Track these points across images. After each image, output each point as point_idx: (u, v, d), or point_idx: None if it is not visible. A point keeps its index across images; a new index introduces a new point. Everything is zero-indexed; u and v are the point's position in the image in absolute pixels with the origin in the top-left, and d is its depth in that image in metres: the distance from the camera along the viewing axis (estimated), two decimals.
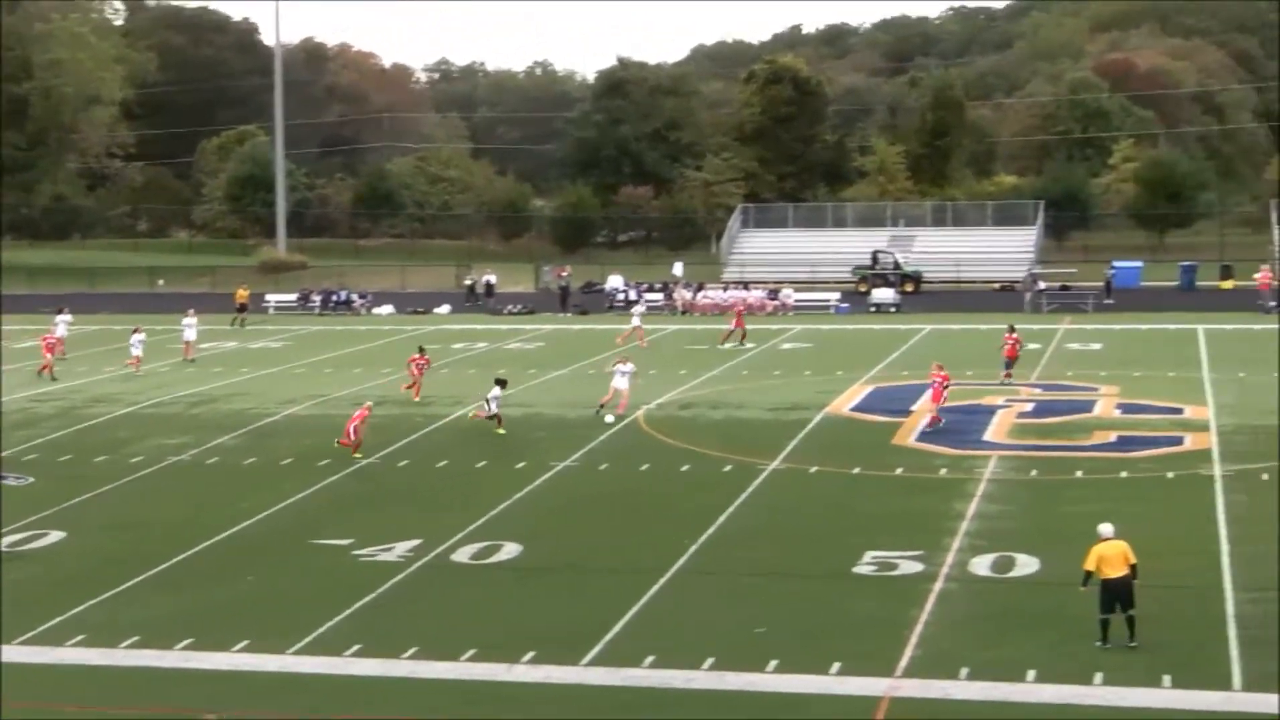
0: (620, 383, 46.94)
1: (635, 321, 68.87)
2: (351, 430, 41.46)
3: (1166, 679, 23.36)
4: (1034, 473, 38.63)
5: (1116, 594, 24.76)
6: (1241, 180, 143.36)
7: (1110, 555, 24.92)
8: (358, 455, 41.19)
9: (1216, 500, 35.13)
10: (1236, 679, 23.46)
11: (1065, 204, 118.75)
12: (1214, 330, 68.38)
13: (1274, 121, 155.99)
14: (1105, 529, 25.46)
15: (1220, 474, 37.83)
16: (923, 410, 46.35)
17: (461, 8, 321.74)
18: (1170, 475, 37.93)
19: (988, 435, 43.74)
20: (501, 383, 45.98)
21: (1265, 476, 37.33)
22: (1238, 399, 48.91)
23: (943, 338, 68.38)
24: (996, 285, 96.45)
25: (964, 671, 23.88)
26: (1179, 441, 42.16)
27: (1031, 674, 23.68)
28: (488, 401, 44.95)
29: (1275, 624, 25.83)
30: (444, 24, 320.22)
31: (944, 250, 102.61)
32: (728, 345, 65.29)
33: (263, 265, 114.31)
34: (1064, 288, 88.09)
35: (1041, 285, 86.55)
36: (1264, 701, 22.49)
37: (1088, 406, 48.26)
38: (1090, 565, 25.06)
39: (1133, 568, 24.79)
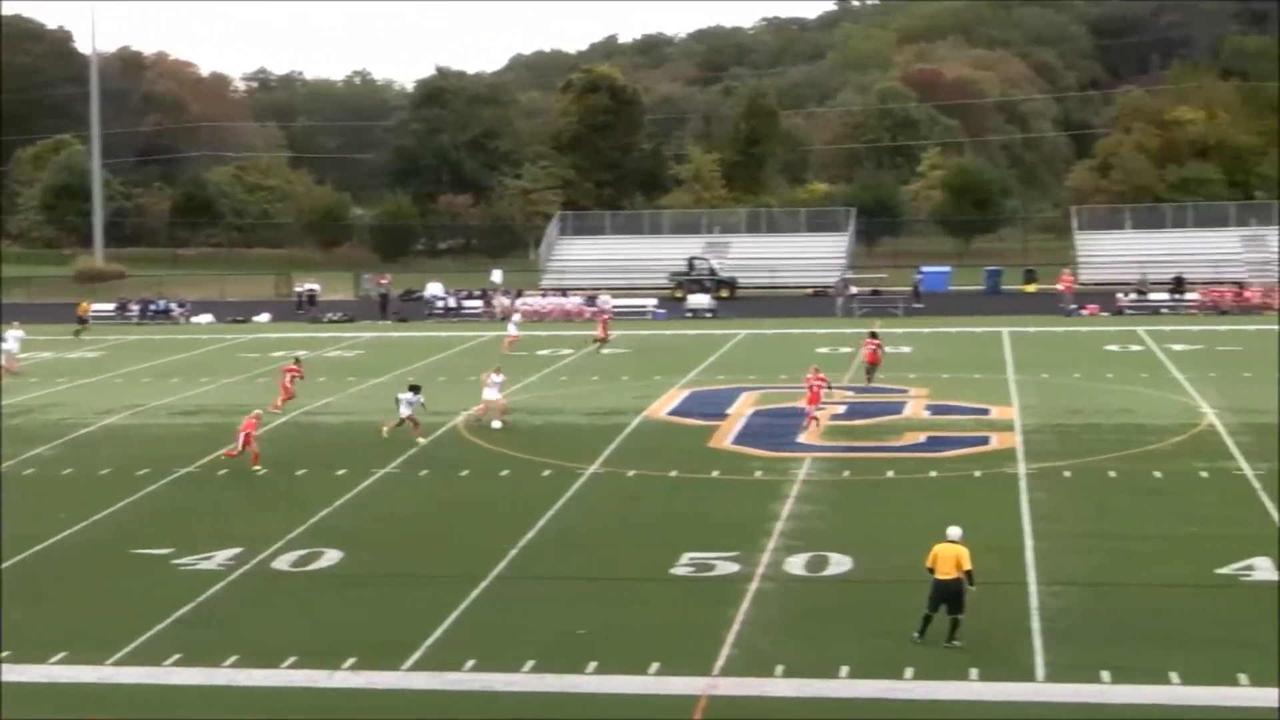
0: (490, 394, 46.78)
1: (512, 330, 69.04)
2: (241, 440, 40.75)
3: (974, 672, 24.11)
4: (846, 473, 39.44)
5: (944, 595, 25.37)
6: (1044, 187, 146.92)
7: (944, 556, 25.53)
8: (257, 466, 40.61)
9: (1021, 498, 36.19)
10: (1040, 670, 24.30)
11: (875, 211, 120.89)
12: (1018, 333, 70.10)
13: (1074, 130, 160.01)
14: (953, 531, 26.17)
15: (1024, 472, 38.95)
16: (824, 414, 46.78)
17: (281, 15, 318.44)
18: (977, 474, 38.96)
19: (801, 438, 44.50)
20: (415, 388, 45.14)
21: (1067, 474, 38.52)
22: (1040, 399, 50.29)
23: (757, 342, 69.30)
24: (810, 291, 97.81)
25: (780, 669, 24.44)
26: (985, 441, 43.29)
27: (845, 670, 24.30)
28: (399, 403, 44.29)
29: (1076, 617, 26.80)
30: (262, 33, 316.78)
31: (758, 257, 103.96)
32: (595, 349, 65.51)
33: (79, 275, 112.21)
34: (875, 292, 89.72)
35: (853, 290, 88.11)
36: (1065, 691, 23.33)
37: (898, 408, 49.32)
38: (929, 563, 25.74)
39: (967, 574, 25.37)
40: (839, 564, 30.52)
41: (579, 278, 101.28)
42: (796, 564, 30.59)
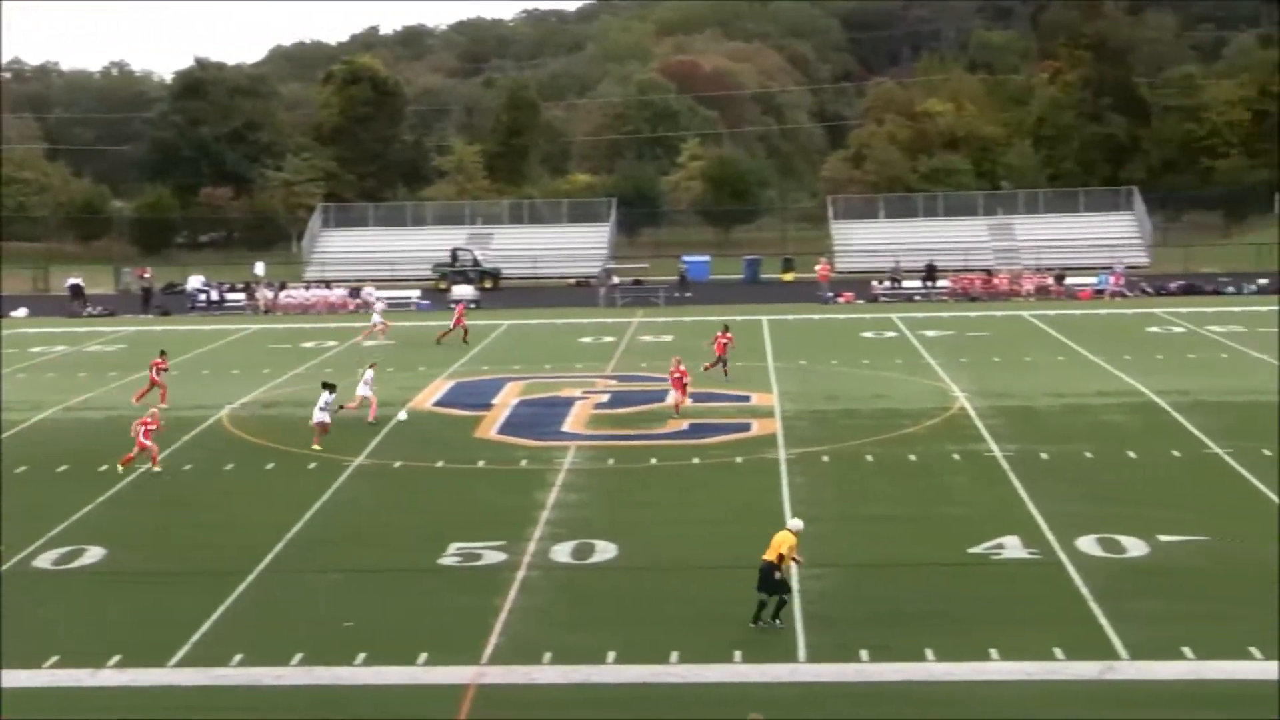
0: (364, 389, 45.84)
1: (376, 319, 68.28)
2: (140, 439, 38.99)
3: (738, 654, 24.67)
4: (611, 462, 39.88)
5: (759, 576, 25.95)
6: (800, 178, 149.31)
7: (773, 542, 26.17)
8: (156, 468, 39.17)
9: (782, 483, 36.99)
10: (801, 651, 24.97)
11: (637, 201, 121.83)
12: (777, 321, 71.33)
13: (828, 122, 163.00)
14: (794, 522, 27.03)
15: (785, 458, 39.79)
16: (676, 402, 46.79)
17: (33, 6, 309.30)
18: (739, 460, 39.70)
19: (566, 426, 44.89)
20: (329, 386, 43.29)
21: (826, 459, 39.45)
22: (800, 386, 51.33)
23: (521, 333, 69.54)
24: (573, 281, 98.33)
25: (547, 656, 24.75)
26: (747, 428, 44.10)
27: (611, 655, 24.70)
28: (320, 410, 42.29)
29: (836, 599, 27.55)
30: (15, 23, 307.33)
31: (521, 247, 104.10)
32: (449, 341, 64.69)
33: None
34: (637, 282, 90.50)
35: (615, 280, 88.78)
36: (826, 671, 24.02)
37: (661, 396, 49.85)
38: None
39: (780, 557, 25.92)
40: (604, 551, 30.94)
41: (342, 270, 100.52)
42: (562, 552, 30.94)
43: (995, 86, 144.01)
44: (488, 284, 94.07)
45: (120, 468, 38.96)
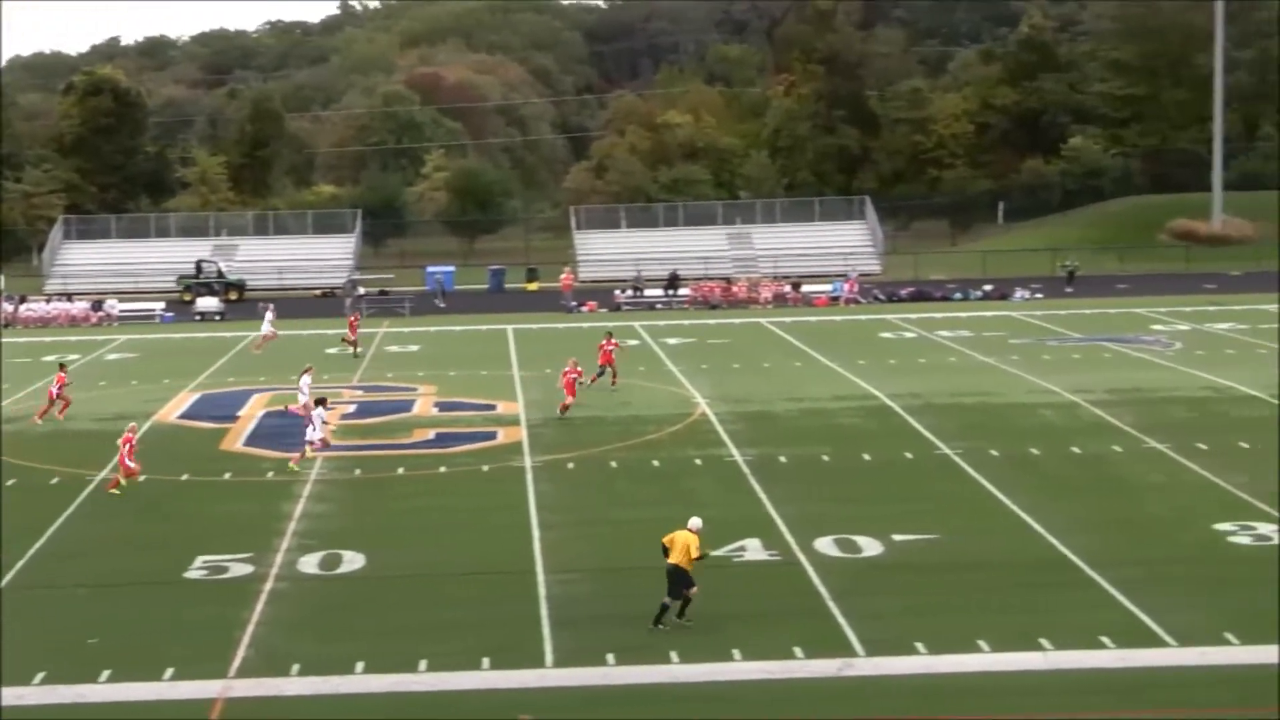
0: (303, 395, 45.70)
1: (267, 328, 66.99)
2: (126, 459, 37.80)
3: (486, 661, 25.02)
4: (358, 471, 39.96)
5: (669, 578, 26.26)
6: (544, 188, 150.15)
7: (676, 543, 26.43)
8: (126, 482, 37.80)
9: (528, 490, 37.45)
10: (549, 656, 25.43)
11: (382, 212, 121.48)
12: (522, 330, 71.85)
13: (571, 133, 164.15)
14: (693, 522, 27.08)
15: (530, 465, 40.28)
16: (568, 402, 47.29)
17: None
18: (486, 468, 40.08)
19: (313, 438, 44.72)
20: (322, 402, 42.51)
21: (571, 465, 40.02)
22: (544, 394, 51.70)
23: (267, 344, 68.80)
24: (318, 292, 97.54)
25: (295, 668, 24.82)
26: (493, 436, 44.50)
27: (360, 665, 24.86)
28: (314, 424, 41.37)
29: (583, 602, 28.09)
30: None
31: (267, 258, 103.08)
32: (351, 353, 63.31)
33: None
34: (383, 293, 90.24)
35: (361, 291, 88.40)
36: (574, 675, 24.51)
37: (407, 406, 50.10)
38: (664, 539, 26.68)
39: (697, 560, 26.31)
40: (352, 561, 31.04)
41: (85, 282, 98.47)
42: (310, 563, 30.98)
43: (733, 98, 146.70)
44: (233, 295, 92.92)
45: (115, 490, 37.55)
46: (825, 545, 31.44)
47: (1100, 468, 39.12)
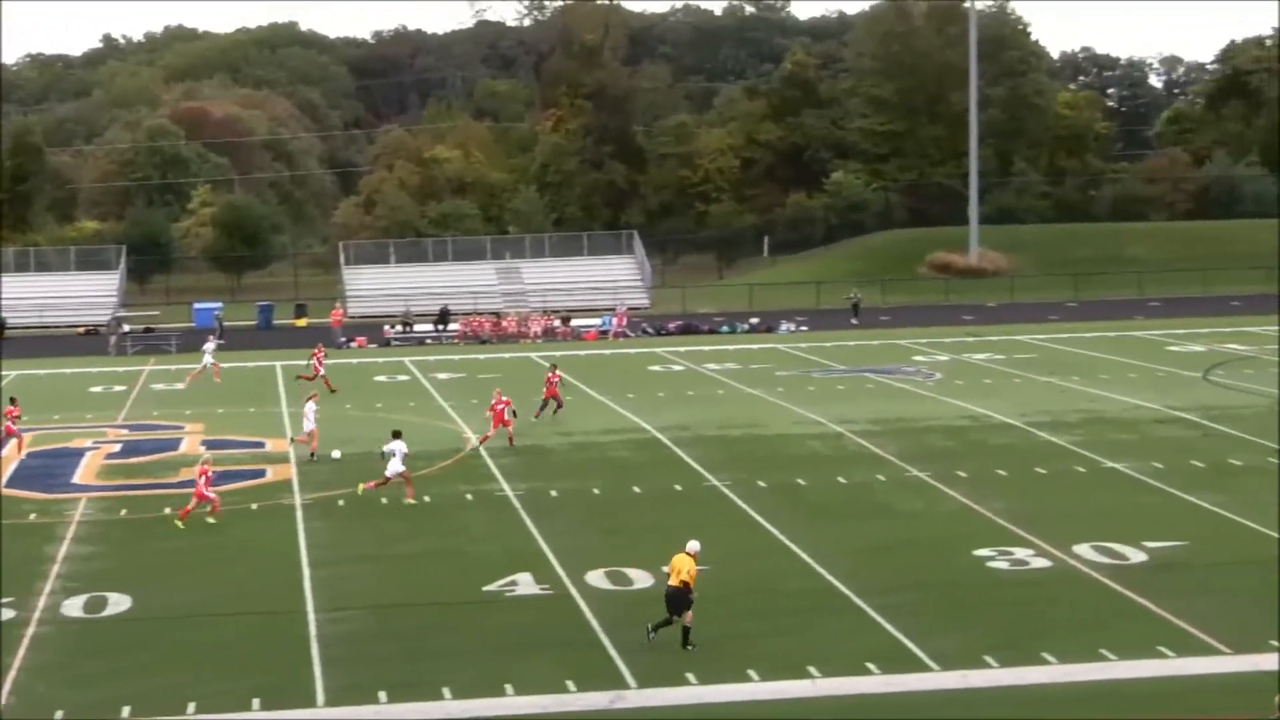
0: (309, 423, 45.75)
1: (207, 359, 65.68)
2: (204, 491, 37.56)
3: (256, 702, 24.78)
4: (124, 512, 39.27)
5: (669, 600, 27.01)
6: (312, 224, 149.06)
7: (675, 565, 27.16)
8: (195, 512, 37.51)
9: (298, 528, 37.18)
10: (320, 695, 25.26)
11: (147, 248, 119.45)
12: (292, 366, 71.01)
13: (339, 168, 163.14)
14: (691, 545, 27.64)
15: (300, 503, 39.97)
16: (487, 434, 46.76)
17: None
18: (255, 507, 39.64)
19: (77, 478, 43.91)
20: (398, 434, 41.12)
21: (341, 503, 39.80)
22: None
23: (29, 383, 67.17)
24: (81, 329, 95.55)
25: (59, 714, 24.34)
26: (262, 474, 44.06)
27: (127, 710, 24.42)
28: (387, 456, 40.36)
29: (354, 641, 27.99)
30: None
31: (27, 295, 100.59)
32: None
33: None
34: (148, 330, 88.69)
35: (126, 328, 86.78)
36: (344, 714, 24.42)
37: (174, 445, 49.36)
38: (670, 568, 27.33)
39: (683, 583, 26.85)
40: (118, 603, 30.52)
41: None
42: (74, 606, 30.39)
43: (501, 134, 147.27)
44: None
45: (179, 523, 37.28)
46: (596, 578, 31.73)
47: (865, 496, 40.03)
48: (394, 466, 39.74)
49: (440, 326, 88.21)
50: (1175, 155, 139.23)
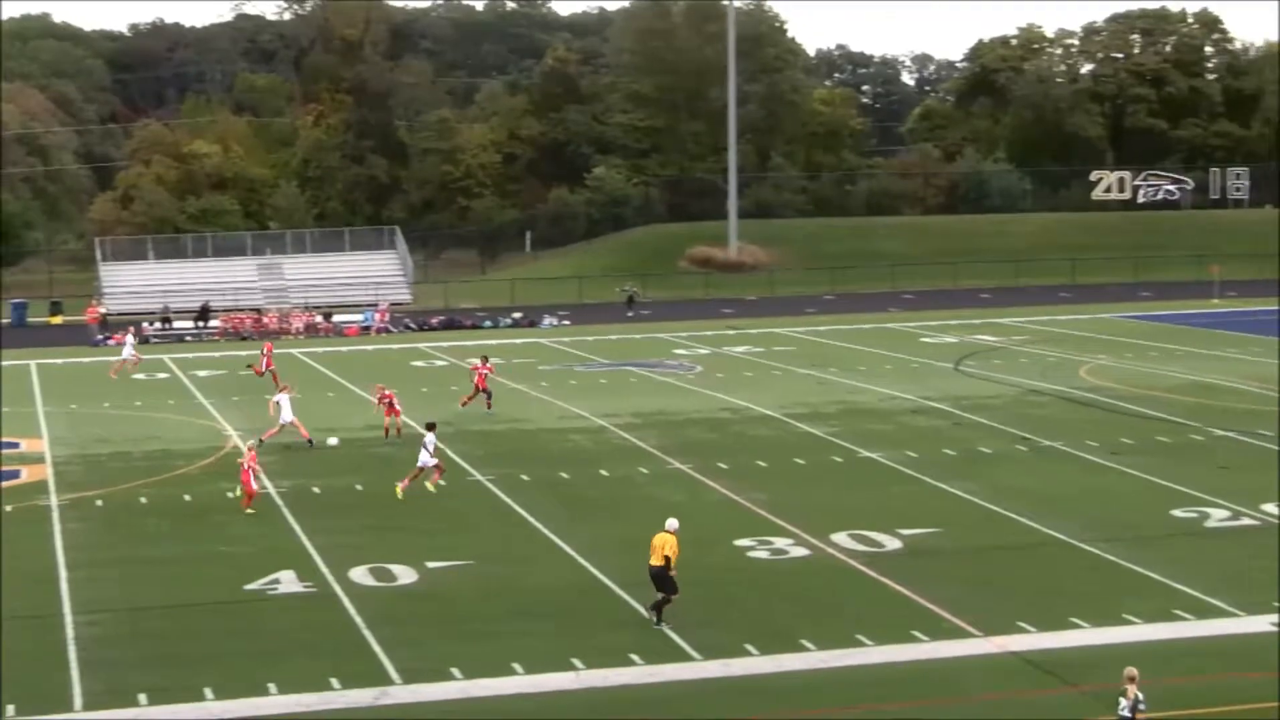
0: (286, 414, 46.04)
1: (127, 353, 63.96)
2: (251, 480, 37.98)
3: (11, 709, 24.33)
4: None
5: (654, 580, 27.90)
6: (68, 219, 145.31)
7: (655, 545, 28.00)
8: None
9: (54, 529, 36.45)
10: (78, 699, 24.91)
11: None
12: (47, 365, 69.49)
13: (95, 163, 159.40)
14: (670, 523, 28.37)
15: (56, 504, 39.18)
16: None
17: None
18: (9, 509, 38.70)
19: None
20: (432, 426, 40.86)
21: (99, 503, 39.12)
22: (71, 430, 50.45)
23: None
24: None
25: None
26: (17, 475, 43.05)
27: None
28: (426, 449, 39.54)
29: (113, 643, 27.59)
30: None
31: None
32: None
33: None
34: None
35: None
36: (103, 718, 24.11)
37: None
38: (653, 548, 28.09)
39: (666, 560, 27.66)
40: None
41: None
42: None
43: (261, 128, 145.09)
44: None
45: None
46: (360, 575, 31.69)
47: (627, 489, 40.51)
48: (424, 458, 39.52)
49: (200, 323, 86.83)
50: (927, 151, 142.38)
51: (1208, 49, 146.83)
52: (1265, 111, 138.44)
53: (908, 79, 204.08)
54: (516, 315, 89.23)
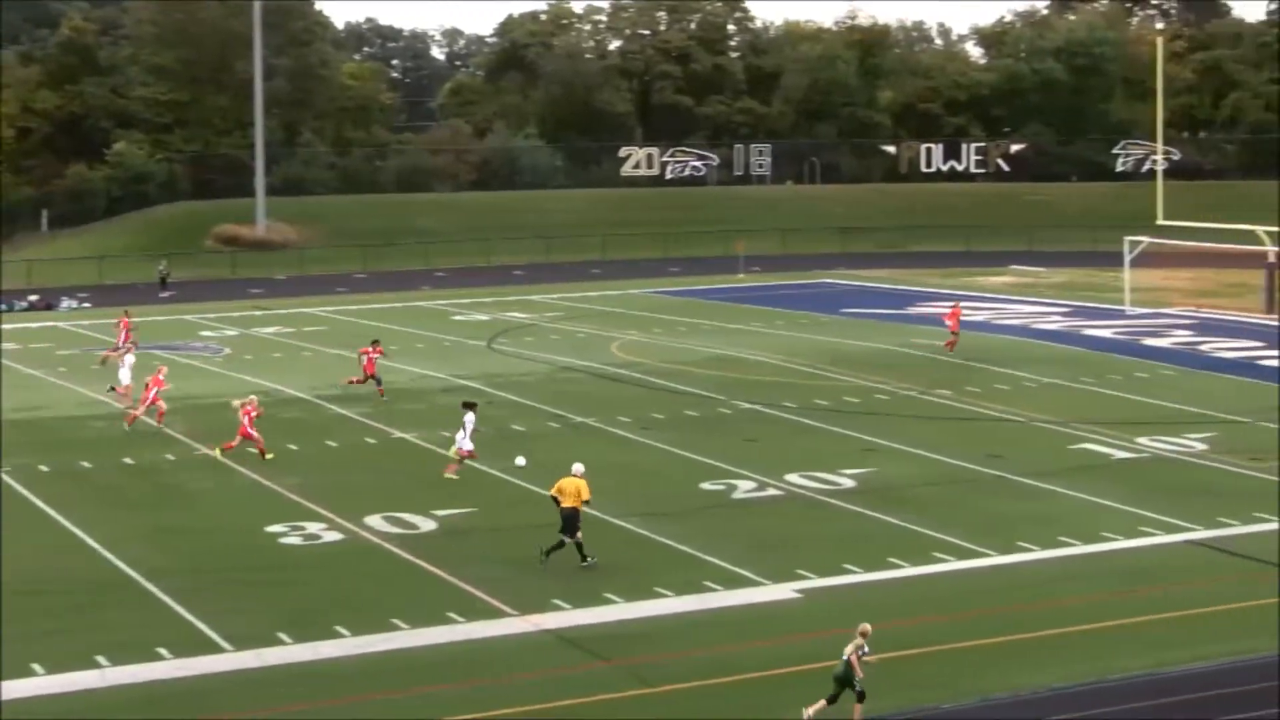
0: (125, 376, 48.34)
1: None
2: (250, 431, 40.16)
3: None
4: None
5: (564, 521, 29.65)
6: None
7: (566, 489, 29.83)
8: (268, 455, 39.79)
9: None
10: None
11: None
12: None
13: None
14: (576, 467, 30.47)
15: None
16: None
17: None
18: None
19: None
20: (470, 405, 39.38)
21: None
22: None
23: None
24: None
25: None
26: None
27: None
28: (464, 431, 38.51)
29: None
30: None
31: None
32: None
33: None
34: None
35: None
36: None
37: None
38: (552, 491, 30.22)
39: (585, 503, 29.83)
40: None
41: None
42: None
43: None
44: None
45: (219, 453, 40.42)
46: None
47: (154, 477, 39.33)
48: (463, 442, 38.42)
49: None
50: (458, 127, 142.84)
51: (730, 27, 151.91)
52: (785, 90, 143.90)
53: (438, 53, 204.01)
54: (33, 298, 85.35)
